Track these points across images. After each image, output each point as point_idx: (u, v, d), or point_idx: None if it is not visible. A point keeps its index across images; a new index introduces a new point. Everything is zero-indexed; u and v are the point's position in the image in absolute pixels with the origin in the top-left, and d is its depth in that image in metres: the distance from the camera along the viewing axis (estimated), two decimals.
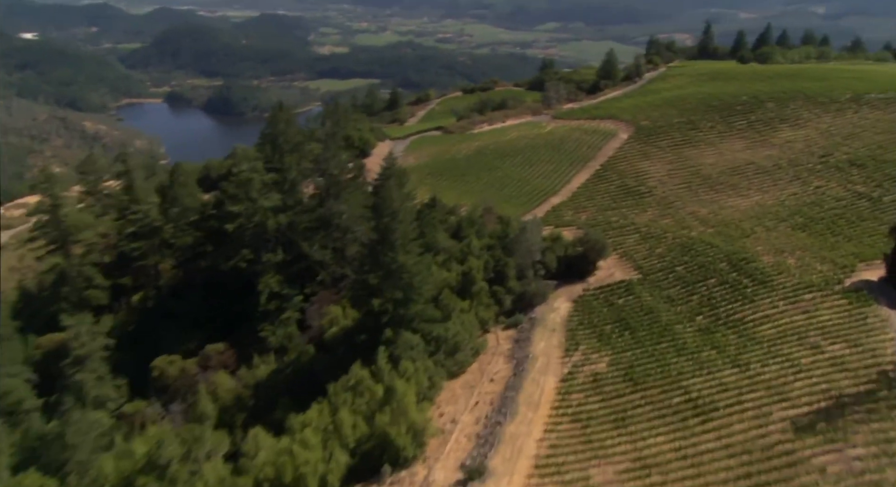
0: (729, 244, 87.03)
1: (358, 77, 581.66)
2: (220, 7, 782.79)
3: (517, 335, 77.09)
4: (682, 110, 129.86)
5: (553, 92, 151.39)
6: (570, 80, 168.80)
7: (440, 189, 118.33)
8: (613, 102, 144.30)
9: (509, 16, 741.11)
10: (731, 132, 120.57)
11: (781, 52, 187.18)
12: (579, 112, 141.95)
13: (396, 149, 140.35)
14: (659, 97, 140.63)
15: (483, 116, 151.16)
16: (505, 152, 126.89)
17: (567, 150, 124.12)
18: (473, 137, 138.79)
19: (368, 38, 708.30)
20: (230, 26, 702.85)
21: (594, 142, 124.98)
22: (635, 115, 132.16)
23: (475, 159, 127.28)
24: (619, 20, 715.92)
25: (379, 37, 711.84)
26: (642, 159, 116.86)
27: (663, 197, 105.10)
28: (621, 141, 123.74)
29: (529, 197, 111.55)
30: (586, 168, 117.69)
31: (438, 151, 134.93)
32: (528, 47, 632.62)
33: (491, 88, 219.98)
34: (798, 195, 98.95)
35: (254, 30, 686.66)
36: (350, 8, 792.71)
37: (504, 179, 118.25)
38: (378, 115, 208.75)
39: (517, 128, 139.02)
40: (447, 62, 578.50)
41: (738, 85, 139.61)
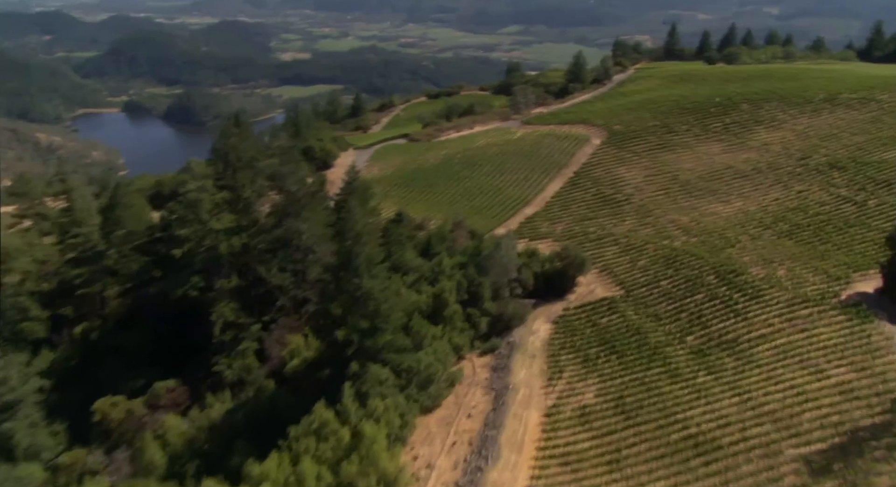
0: (714, 255, 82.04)
1: (321, 83, 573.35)
2: (178, 14, 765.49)
3: (495, 362, 70.94)
4: (655, 113, 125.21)
5: (521, 97, 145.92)
6: (537, 83, 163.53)
7: (407, 201, 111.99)
8: (584, 106, 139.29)
9: (471, 19, 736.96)
10: (708, 135, 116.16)
11: (748, 52, 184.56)
12: (549, 117, 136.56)
13: (360, 159, 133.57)
14: (630, 100, 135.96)
15: (450, 123, 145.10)
16: (474, 161, 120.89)
17: (539, 157, 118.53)
18: (441, 145, 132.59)
19: (331, 43, 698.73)
20: (189, 33, 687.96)
21: (567, 148, 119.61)
22: (608, 119, 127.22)
23: (443, 169, 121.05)
24: (580, 22, 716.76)
25: (341, 42, 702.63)
26: (618, 165, 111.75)
27: (641, 205, 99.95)
28: (595, 146, 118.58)
29: (502, 208, 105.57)
30: (560, 176, 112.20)
31: (404, 161, 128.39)
32: (491, 50, 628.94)
33: (457, 93, 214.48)
34: (781, 201, 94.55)
35: (214, 37, 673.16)
36: (312, 13, 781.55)
37: (474, 190, 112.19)
38: (341, 122, 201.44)
39: (486, 134, 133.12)
40: (411, 67, 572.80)
41: (711, 86, 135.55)
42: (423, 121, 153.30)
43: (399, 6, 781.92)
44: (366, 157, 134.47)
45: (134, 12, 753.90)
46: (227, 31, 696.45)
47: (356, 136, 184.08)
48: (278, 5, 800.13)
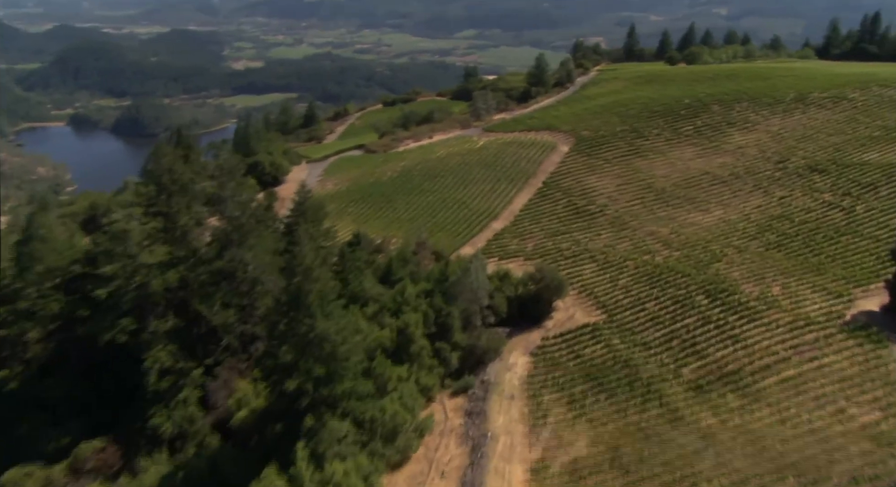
0: (701, 272, 75.02)
1: (275, 91, 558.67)
2: (127, 24, 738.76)
3: (469, 405, 62.47)
4: (623, 117, 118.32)
5: (482, 102, 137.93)
6: (497, 88, 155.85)
7: (365, 219, 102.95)
8: (548, 110, 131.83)
9: (427, 24, 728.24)
10: (680, 139, 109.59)
11: (709, 52, 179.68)
12: (513, 124, 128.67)
13: (313, 173, 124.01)
14: (596, 104, 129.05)
15: (407, 132, 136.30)
16: (435, 172, 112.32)
17: (504, 166, 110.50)
18: (398, 156, 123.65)
19: (285, 51, 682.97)
20: (138, 43, 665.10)
21: (533, 156, 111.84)
22: (574, 124, 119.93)
23: (402, 182, 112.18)
24: (535, 25, 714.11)
25: (296, 49, 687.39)
26: (588, 174, 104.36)
27: (616, 216, 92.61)
28: (562, 154, 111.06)
29: (467, 223, 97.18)
30: (527, 186, 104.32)
31: (360, 174, 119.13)
32: (447, 55, 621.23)
33: (413, 100, 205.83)
34: (763, 208, 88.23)
35: (164, 46, 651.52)
36: (265, 21, 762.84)
37: (437, 204, 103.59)
38: (294, 133, 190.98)
39: (446, 144, 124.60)
40: (366, 73, 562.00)
41: (678, 88, 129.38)
42: (378, 130, 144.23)
43: (353, 12, 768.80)
44: (319, 171, 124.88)
45: (80, 22, 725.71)
46: (178, 40, 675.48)
47: (310, 147, 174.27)
48: (230, 13, 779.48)
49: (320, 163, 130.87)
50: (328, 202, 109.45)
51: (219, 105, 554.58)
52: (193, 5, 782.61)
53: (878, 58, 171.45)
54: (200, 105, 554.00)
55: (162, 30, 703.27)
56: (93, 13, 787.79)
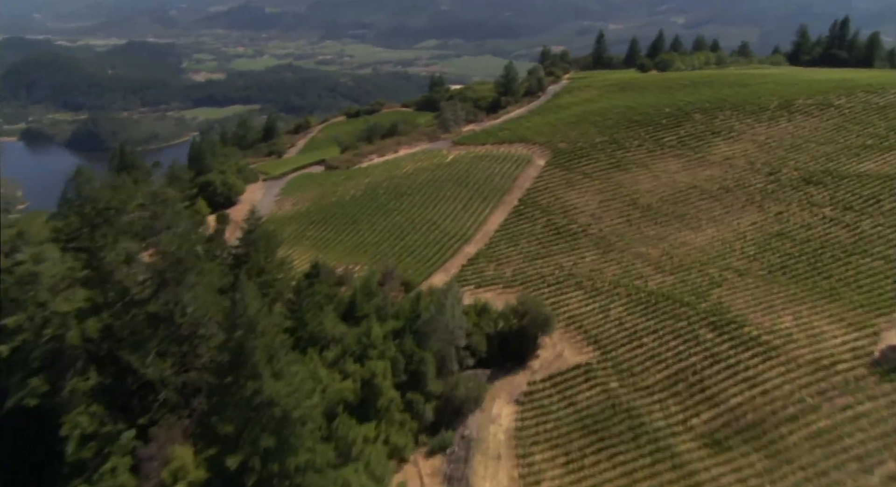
0: (701, 299, 66.87)
1: (237, 104, 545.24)
2: (82, 36, 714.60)
3: (449, 468, 53.13)
4: (601, 128, 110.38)
5: (450, 113, 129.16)
6: (466, 98, 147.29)
7: (325, 244, 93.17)
8: (520, 121, 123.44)
9: (389, 34, 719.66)
10: (663, 150, 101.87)
11: (681, 59, 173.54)
12: (483, 136, 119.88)
13: (270, 192, 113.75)
14: (571, 113, 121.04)
15: (372, 146, 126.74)
16: (402, 190, 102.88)
17: (476, 183, 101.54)
18: (362, 173, 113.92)
19: (246, 62, 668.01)
20: (94, 56, 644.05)
21: (507, 171, 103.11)
22: (550, 135, 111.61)
23: (367, 201, 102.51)
24: (496, 35, 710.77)
25: (257, 61, 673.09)
26: (567, 189, 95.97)
27: (601, 236, 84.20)
28: (539, 168, 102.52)
29: (438, 247, 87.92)
30: (502, 204, 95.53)
31: (321, 193, 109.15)
32: (410, 65, 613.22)
33: (377, 111, 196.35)
34: (759, 225, 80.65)
35: (121, 59, 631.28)
36: (225, 32, 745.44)
37: (405, 225, 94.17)
38: (253, 147, 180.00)
39: (413, 158, 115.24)
40: (329, 84, 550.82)
41: (655, 95, 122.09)
42: (341, 144, 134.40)
43: (315, 23, 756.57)
44: (276, 189, 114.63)
45: (32, 34, 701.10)
46: (136, 52, 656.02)
47: (269, 162, 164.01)
48: (189, 25, 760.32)
49: (278, 181, 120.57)
50: (285, 225, 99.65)
51: (179, 118, 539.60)
52: (150, 17, 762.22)
53: (847, 63, 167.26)
54: (160, 118, 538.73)
55: (118, 42, 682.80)
56: (45, 25, 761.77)
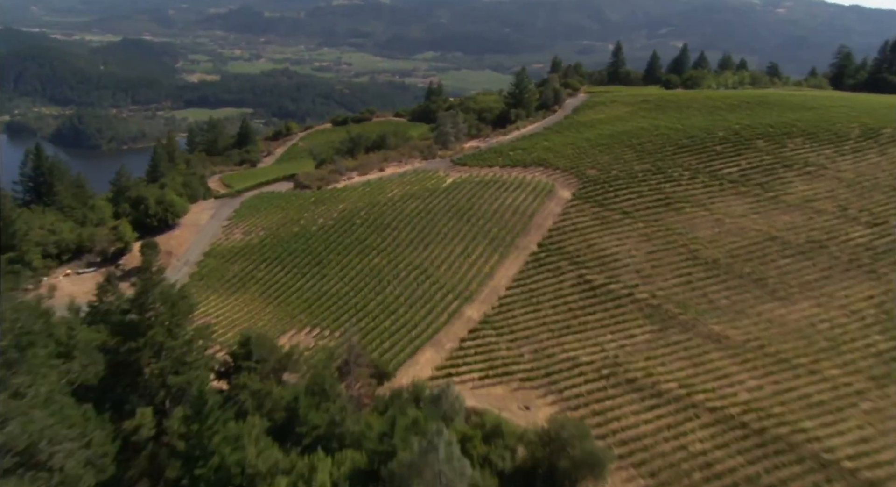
0: (831, 430, 41.41)
1: (229, 106, 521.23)
2: (77, 31, 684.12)
3: None
4: (640, 153, 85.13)
5: (449, 125, 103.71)
6: (468, 108, 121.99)
7: (277, 294, 67.29)
8: (536, 140, 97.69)
9: (387, 44, 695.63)
10: (722, 186, 76.68)
11: (713, 77, 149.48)
12: (491, 155, 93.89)
13: (221, 213, 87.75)
14: (598, 133, 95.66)
15: (353, 161, 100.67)
16: (385, 222, 76.88)
17: (482, 218, 75.79)
18: (337, 196, 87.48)
19: (242, 65, 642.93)
20: (87, 51, 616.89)
21: (522, 204, 77.48)
22: (575, 160, 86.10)
23: (339, 234, 76.47)
24: (496, 50, 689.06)
25: (253, 64, 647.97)
26: (603, 232, 70.50)
27: (655, 305, 58.89)
28: (563, 202, 76.98)
29: (429, 307, 62.34)
30: (516, 249, 69.95)
31: (283, 219, 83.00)
32: (407, 76, 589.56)
33: (367, 119, 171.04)
34: (880, 301, 55.67)
35: (115, 55, 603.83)
36: (223, 34, 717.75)
37: (385, 272, 68.37)
38: (224, 154, 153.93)
39: (402, 180, 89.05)
40: (324, 91, 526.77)
41: (701, 116, 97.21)
42: (316, 157, 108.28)
43: (313, 30, 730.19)
44: (229, 211, 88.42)
45: (27, 26, 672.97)
46: (130, 50, 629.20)
47: (236, 173, 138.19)
48: (187, 26, 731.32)
49: (234, 199, 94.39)
50: (229, 262, 73.71)
51: (169, 118, 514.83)
52: (148, 16, 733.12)
53: None
54: (150, 117, 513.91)
55: (114, 39, 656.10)
56: (41, 18, 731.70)
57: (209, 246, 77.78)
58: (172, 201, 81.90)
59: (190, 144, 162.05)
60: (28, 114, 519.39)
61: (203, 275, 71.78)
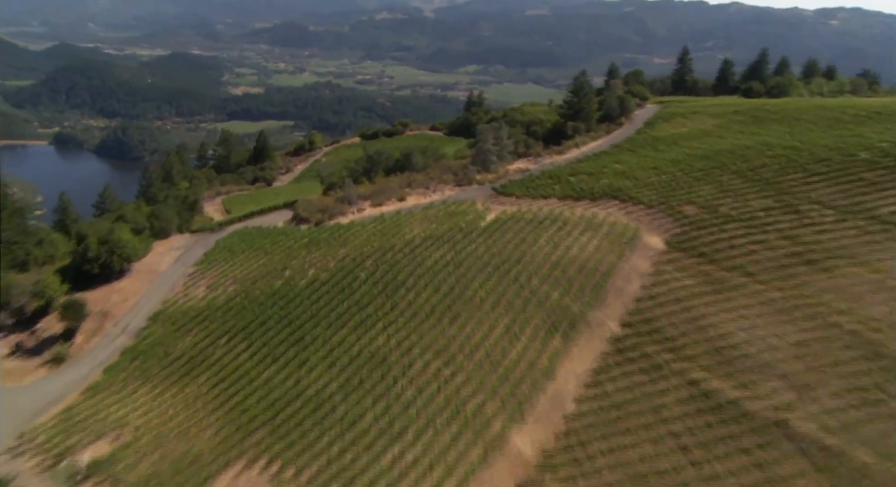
0: None
1: (271, 118, 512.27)
2: (128, 45, 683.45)
3: None
4: (754, 181, 59.78)
5: (490, 141, 79.80)
6: (513, 121, 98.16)
7: (226, 397, 43.96)
8: (604, 160, 72.73)
9: (430, 58, 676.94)
10: (883, 228, 50.95)
11: (803, 84, 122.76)
12: (545, 182, 68.82)
13: (191, 256, 65.24)
14: (685, 152, 70.45)
15: (370, 185, 77.24)
16: (398, 280, 52.96)
17: (535, 276, 51.38)
18: (339, 236, 63.41)
19: (286, 78, 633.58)
20: (136, 64, 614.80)
21: (593, 258, 52.73)
22: (663, 190, 61.13)
23: (331, 297, 52.86)
24: (538, 63, 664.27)
25: (297, 77, 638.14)
26: (718, 304, 45.52)
27: (828, 446, 33.82)
28: (653, 254, 52.17)
29: (456, 432, 38.30)
30: (587, 329, 45.56)
31: (264, 268, 59.98)
32: (449, 89, 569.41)
33: (400, 133, 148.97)
34: None
35: (162, 69, 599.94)
36: (267, 48, 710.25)
37: (392, 360, 44.68)
38: (238, 171, 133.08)
39: (427, 215, 64.75)
40: (365, 104, 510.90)
41: (821, 131, 71.13)
42: (325, 180, 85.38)
43: (357, 43, 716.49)
44: (201, 251, 65.85)
45: (83, 42, 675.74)
46: (177, 63, 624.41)
47: (247, 193, 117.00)
48: (233, 40, 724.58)
49: (216, 234, 71.89)
50: (179, 336, 50.88)
51: (212, 130, 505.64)
52: (196, 31, 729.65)
53: None
54: (193, 129, 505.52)
55: (163, 53, 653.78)
56: (96, 34, 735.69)
57: (161, 304, 55.57)
58: (122, 241, 59.89)
59: (201, 160, 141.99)
60: (76, 126, 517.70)
61: (140, 352, 49.50)
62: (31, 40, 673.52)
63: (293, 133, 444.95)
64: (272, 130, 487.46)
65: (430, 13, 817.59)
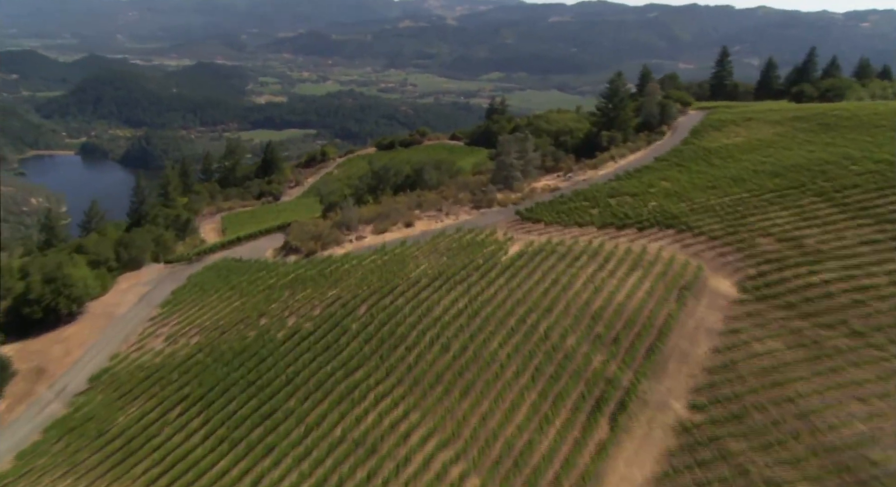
0: None
1: (294, 127, 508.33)
2: (156, 56, 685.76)
3: None
4: (846, 206, 46.77)
5: (514, 154, 67.85)
6: (538, 129, 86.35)
7: None
8: (648, 177, 60.05)
9: (452, 65, 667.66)
10: None
11: (858, 87, 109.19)
12: (579, 205, 56.43)
13: (157, 293, 54.49)
14: (748, 167, 58.02)
15: (374, 206, 65.66)
16: (397, 333, 41.33)
17: (570, 332, 39.50)
18: (331, 272, 51.29)
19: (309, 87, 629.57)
20: (162, 75, 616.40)
21: (645, 306, 40.66)
22: (730, 217, 48.66)
23: (313, 356, 41.61)
24: (561, 70, 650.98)
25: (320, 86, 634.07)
26: (817, 373, 33.21)
27: None
28: (723, 302, 39.99)
29: None
30: (643, 410, 33.56)
31: (234, 315, 48.66)
32: (472, 96, 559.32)
33: (418, 143, 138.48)
34: None
35: (187, 78, 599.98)
36: (291, 58, 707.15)
37: (382, 452, 33.06)
38: (244, 185, 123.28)
39: (436, 247, 52.41)
40: (388, 112, 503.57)
41: None
42: (325, 199, 74.03)
43: (380, 52, 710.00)
44: (170, 289, 54.99)
45: (112, 53, 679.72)
46: (202, 73, 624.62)
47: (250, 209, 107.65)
48: (258, 49, 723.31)
49: (191, 266, 61.13)
50: (124, 401, 39.83)
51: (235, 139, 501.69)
52: (221, 41, 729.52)
53: None
54: (216, 138, 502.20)
55: (189, 63, 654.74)
56: (124, 46, 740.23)
57: (108, 360, 44.92)
58: (71, 279, 49.44)
59: (206, 173, 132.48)
60: (103, 136, 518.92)
61: (69, 429, 38.80)
62: (63, 52, 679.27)
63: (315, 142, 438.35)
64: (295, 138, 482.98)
65: (452, 21, 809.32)
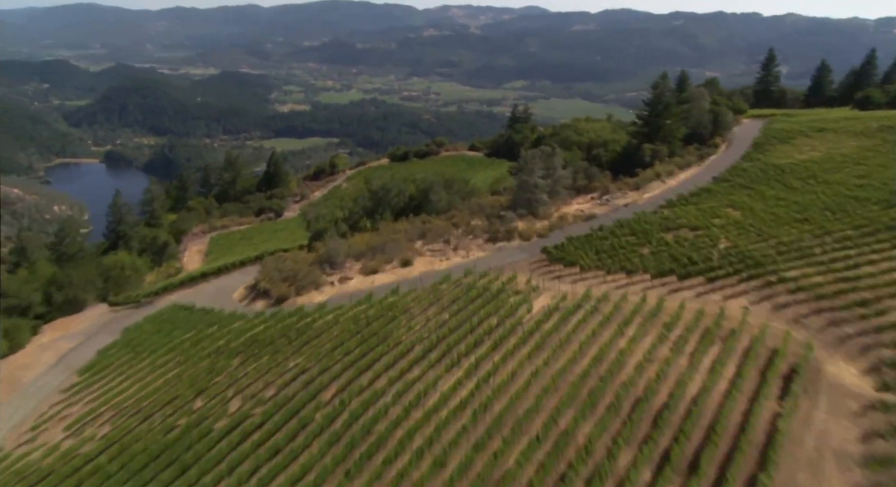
0: None
1: (317, 136, 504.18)
2: (182, 65, 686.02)
3: None
4: None
5: (537, 172, 54.91)
6: (567, 141, 73.56)
7: None
8: (710, 202, 46.40)
9: (476, 73, 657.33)
10: None
11: None
12: (622, 243, 42.70)
13: (84, 350, 42.47)
14: (839, 191, 44.65)
15: (366, 237, 52.80)
16: (374, 435, 29.00)
17: (625, 449, 26.70)
18: (299, 329, 38.30)
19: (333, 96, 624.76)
20: (188, 84, 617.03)
21: (728, 405, 27.68)
22: (835, 265, 35.27)
23: (255, 466, 29.26)
24: (585, 78, 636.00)
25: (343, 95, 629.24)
26: None
27: None
28: (855, 406, 26.88)
29: None
30: None
31: (167, 390, 35.54)
32: (496, 105, 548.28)
33: (434, 154, 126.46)
34: None
35: (212, 87, 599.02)
36: (315, 66, 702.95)
37: None
38: (244, 199, 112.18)
39: (438, 296, 39.11)
40: (411, 120, 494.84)
41: None
42: (311, 226, 61.68)
43: (404, 60, 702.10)
44: (99, 345, 43.11)
45: (140, 63, 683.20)
46: (227, 82, 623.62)
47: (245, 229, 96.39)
48: (283, 58, 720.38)
49: (140, 309, 49.29)
50: None
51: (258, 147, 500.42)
52: (246, 50, 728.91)
53: None
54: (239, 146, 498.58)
55: (215, 72, 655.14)
56: (152, 55, 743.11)
57: None
58: None
59: (205, 186, 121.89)
60: (128, 144, 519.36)
61: None
62: (93, 62, 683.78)
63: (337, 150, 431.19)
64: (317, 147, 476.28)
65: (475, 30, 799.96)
